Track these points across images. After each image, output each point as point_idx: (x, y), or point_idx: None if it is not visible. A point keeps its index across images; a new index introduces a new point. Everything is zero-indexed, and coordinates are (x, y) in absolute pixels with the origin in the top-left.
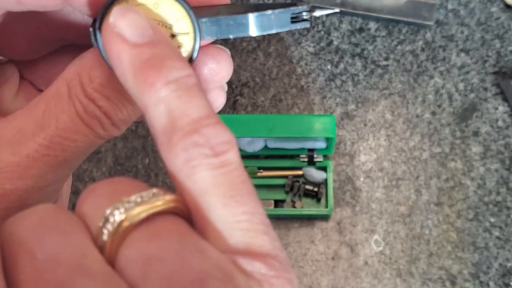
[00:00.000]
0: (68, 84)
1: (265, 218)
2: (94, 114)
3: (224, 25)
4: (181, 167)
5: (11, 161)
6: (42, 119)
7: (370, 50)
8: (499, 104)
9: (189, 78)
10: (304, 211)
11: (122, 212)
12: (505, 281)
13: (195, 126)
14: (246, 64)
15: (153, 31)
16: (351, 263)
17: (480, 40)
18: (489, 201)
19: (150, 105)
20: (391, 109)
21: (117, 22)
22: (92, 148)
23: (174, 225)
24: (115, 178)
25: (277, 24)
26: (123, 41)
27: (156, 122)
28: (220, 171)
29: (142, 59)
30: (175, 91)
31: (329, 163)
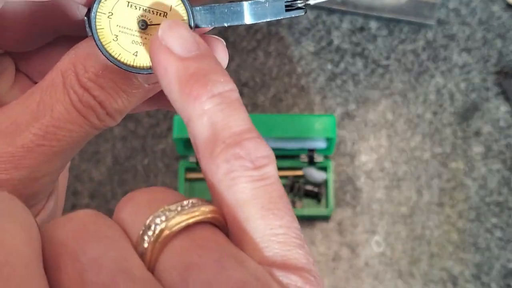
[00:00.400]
0: (62, 74)
1: (300, 233)
2: (89, 104)
3: (219, 13)
4: (222, 178)
5: (5, 151)
6: (37, 109)
7: (371, 49)
8: (501, 104)
9: (232, 93)
10: (304, 212)
11: (163, 220)
12: (506, 282)
13: (237, 139)
14: (246, 64)
15: (198, 46)
16: (352, 264)
17: (482, 40)
18: (491, 201)
19: (193, 116)
20: (392, 109)
21: (165, 35)
22: (87, 138)
23: (213, 235)
24: (153, 187)
25: (271, 12)
26: (170, 54)
27: (198, 134)
28: (259, 184)
29: (188, 72)
30: (219, 105)
31: (330, 163)
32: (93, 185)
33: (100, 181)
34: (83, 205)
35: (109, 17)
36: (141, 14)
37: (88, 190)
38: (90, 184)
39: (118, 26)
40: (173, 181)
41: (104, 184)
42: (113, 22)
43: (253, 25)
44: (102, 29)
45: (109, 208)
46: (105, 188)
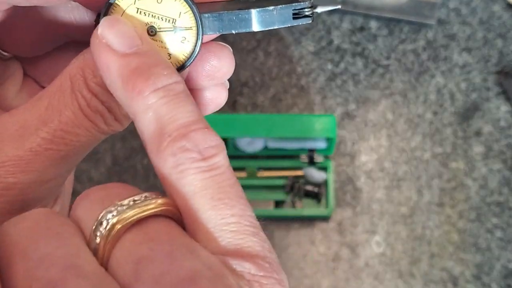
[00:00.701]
0: (71, 79)
1: (254, 220)
2: (97, 108)
3: (227, 20)
4: (170, 171)
5: (14, 155)
6: (45, 113)
7: (371, 49)
8: (501, 104)
9: (176, 85)
10: (304, 212)
11: (115, 215)
12: (507, 282)
13: (183, 131)
14: (246, 63)
15: (140, 41)
16: (352, 264)
17: (482, 39)
18: (491, 201)
19: (139, 112)
20: (392, 109)
21: (104, 32)
22: (94, 143)
23: (165, 227)
24: (109, 184)
25: (279, 20)
26: (111, 51)
27: (145, 129)
28: (208, 175)
29: (129, 68)
30: (163, 98)
31: (330, 164)
32: (92, 185)
33: (100, 181)
34: None
35: None
36: (150, 20)
37: None
38: (90, 184)
39: None
40: None
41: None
42: None
43: None
44: None
45: None
46: None
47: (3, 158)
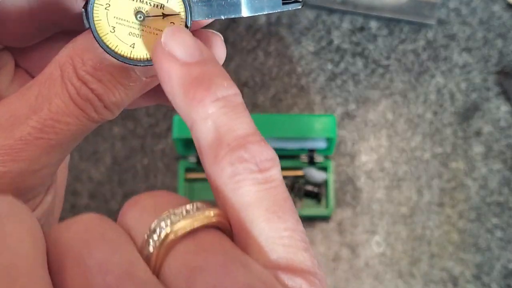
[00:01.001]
0: (60, 67)
1: (305, 236)
2: (87, 96)
3: (216, 5)
4: (227, 181)
5: (4, 144)
6: (35, 102)
7: (371, 49)
8: (501, 104)
9: (236, 97)
10: (305, 212)
11: (168, 225)
12: (507, 282)
13: (241, 142)
14: (246, 63)
15: (201, 51)
16: (352, 265)
17: (482, 40)
18: (491, 201)
19: (198, 120)
20: (392, 109)
21: (168, 41)
22: (85, 132)
23: (218, 239)
24: (157, 191)
25: (268, 5)
26: (173, 59)
27: (202, 137)
28: (264, 187)
29: (191, 77)
30: (223, 108)
31: (330, 164)
32: (92, 185)
33: (100, 181)
34: (83, 205)
35: (106, 8)
36: (138, 6)
37: (88, 190)
38: (90, 184)
39: (116, 18)
40: (173, 181)
41: (103, 184)
42: (110, 14)
43: (253, 24)
44: (100, 21)
45: (108, 208)
46: (105, 188)
47: None
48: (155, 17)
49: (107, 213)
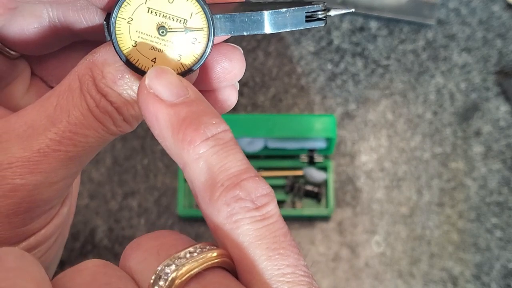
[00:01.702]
0: (80, 79)
1: (307, 269)
2: (106, 109)
3: (239, 21)
4: (224, 221)
5: (22, 156)
6: (54, 114)
7: (371, 49)
8: (501, 104)
9: (225, 133)
10: (304, 212)
11: (174, 270)
12: (507, 282)
13: (235, 181)
14: (246, 63)
15: (187, 90)
16: (352, 264)
17: (482, 40)
18: (491, 201)
19: (189, 161)
20: (392, 109)
21: (152, 83)
22: (103, 144)
23: (223, 279)
24: (159, 232)
25: (291, 23)
26: (159, 101)
27: (196, 178)
28: (262, 224)
29: (179, 118)
30: (214, 147)
31: (330, 164)
32: (92, 186)
33: (100, 182)
34: (83, 205)
35: (128, 22)
36: (161, 20)
37: (88, 190)
38: (90, 185)
39: (138, 32)
40: (173, 181)
41: (103, 184)
42: (132, 28)
43: None
44: (122, 34)
45: (108, 208)
46: (105, 188)
47: (10, 159)
48: (178, 32)
49: (107, 213)
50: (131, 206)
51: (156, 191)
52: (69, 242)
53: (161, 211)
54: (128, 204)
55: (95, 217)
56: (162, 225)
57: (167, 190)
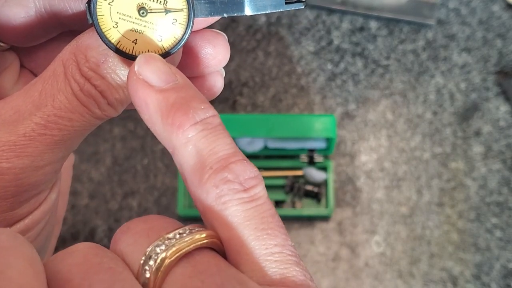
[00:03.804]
0: (64, 64)
1: (295, 249)
2: (90, 93)
3: (219, 3)
4: (213, 203)
5: (8, 140)
6: (39, 99)
7: (371, 49)
8: (501, 104)
9: (214, 118)
10: (304, 212)
11: (163, 249)
12: (507, 282)
13: (224, 163)
14: (246, 63)
15: (175, 76)
16: (352, 264)
17: (482, 40)
18: (491, 201)
19: (178, 145)
20: (392, 109)
21: (141, 69)
22: (89, 128)
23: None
24: (148, 216)
25: (271, 4)
26: (148, 87)
27: (185, 162)
28: (250, 205)
29: (168, 103)
30: (202, 131)
31: (330, 164)
32: (92, 185)
33: (100, 181)
34: (83, 205)
35: (109, 3)
36: (141, 1)
37: (88, 190)
38: (90, 184)
39: (118, 13)
40: (173, 181)
41: (103, 184)
42: (113, 9)
43: (253, 24)
44: (103, 16)
45: (108, 208)
46: (105, 188)
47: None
48: (158, 13)
49: (106, 213)
50: (131, 206)
51: (156, 191)
52: (69, 242)
53: (161, 211)
54: (128, 204)
55: (95, 216)
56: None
57: (167, 190)
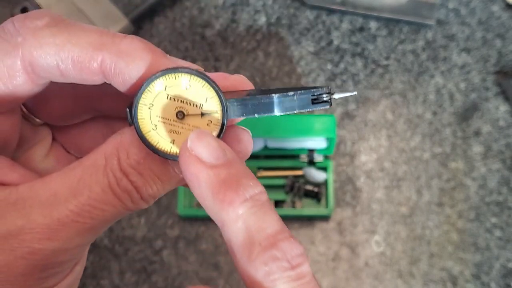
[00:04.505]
0: (106, 157)
1: None
2: (126, 188)
3: (250, 105)
4: (262, 279)
5: (42, 222)
6: (77, 186)
7: (370, 49)
8: (500, 104)
9: (262, 195)
10: (304, 212)
11: None
12: (506, 281)
13: (272, 241)
14: (246, 64)
15: (225, 152)
16: (352, 264)
17: (481, 40)
18: (490, 201)
19: (228, 221)
20: (391, 109)
21: (194, 145)
22: (118, 217)
23: None
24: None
25: (298, 105)
26: (200, 163)
27: (234, 237)
28: (297, 283)
29: (219, 179)
30: (251, 208)
31: (330, 163)
32: None
33: None
34: None
35: (149, 108)
36: (179, 105)
37: None
38: None
39: (158, 117)
40: None
41: None
42: (153, 113)
43: (253, 25)
44: (143, 119)
45: None
46: None
47: (32, 224)
48: (195, 116)
49: None
50: None
51: None
52: None
53: (161, 210)
54: None
55: None
56: (162, 224)
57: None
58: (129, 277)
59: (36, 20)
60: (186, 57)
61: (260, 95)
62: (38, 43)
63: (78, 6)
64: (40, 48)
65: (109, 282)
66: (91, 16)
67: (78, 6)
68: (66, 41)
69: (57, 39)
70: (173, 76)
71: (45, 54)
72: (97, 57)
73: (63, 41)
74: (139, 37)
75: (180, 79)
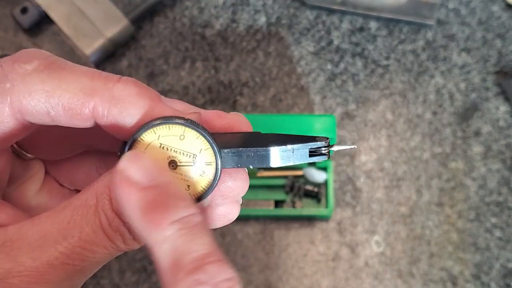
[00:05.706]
0: (97, 196)
1: None
2: (118, 228)
3: (245, 156)
4: None
5: (30, 265)
6: (67, 227)
7: (370, 49)
8: (500, 104)
9: (193, 217)
10: (304, 212)
11: None
12: (506, 281)
13: (198, 264)
14: (246, 64)
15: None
16: (352, 264)
17: (481, 40)
18: (490, 201)
19: (155, 243)
20: (391, 109)
21: (126, 166)
22: (109, 259)
23: None
24: None
25: (296, 158)
26: (131, 184)
27: (161, 259)
28: None
29: (147, 200)
30: (180, 230)
31: (330, 164)
32: None
33: None
34: None
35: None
36: (172, 155)
37: None
38: None
39: None
40: None
41: None
42: None
43: (253, 25)
44: None
45: None
46: None
47: (20, 267)
48: (188, 166)
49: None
50: None
51: None
52: None
53: None
54: None
55: None
56: None
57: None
58: (129, 276)
59: (25, 64)
60: (186, 57)
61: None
62: (27, 90)
63: (78, 6)
64: (29, 95)
65: (109, 281)
66: (91, 16)
67: (78, 6)
68: (56, 87)
69: (47, 85)
70: (167, 127)
71: (34, 101)
72: (88, 104)
73: (53, 88)
74: (133, 80)
75: (174, 129)
